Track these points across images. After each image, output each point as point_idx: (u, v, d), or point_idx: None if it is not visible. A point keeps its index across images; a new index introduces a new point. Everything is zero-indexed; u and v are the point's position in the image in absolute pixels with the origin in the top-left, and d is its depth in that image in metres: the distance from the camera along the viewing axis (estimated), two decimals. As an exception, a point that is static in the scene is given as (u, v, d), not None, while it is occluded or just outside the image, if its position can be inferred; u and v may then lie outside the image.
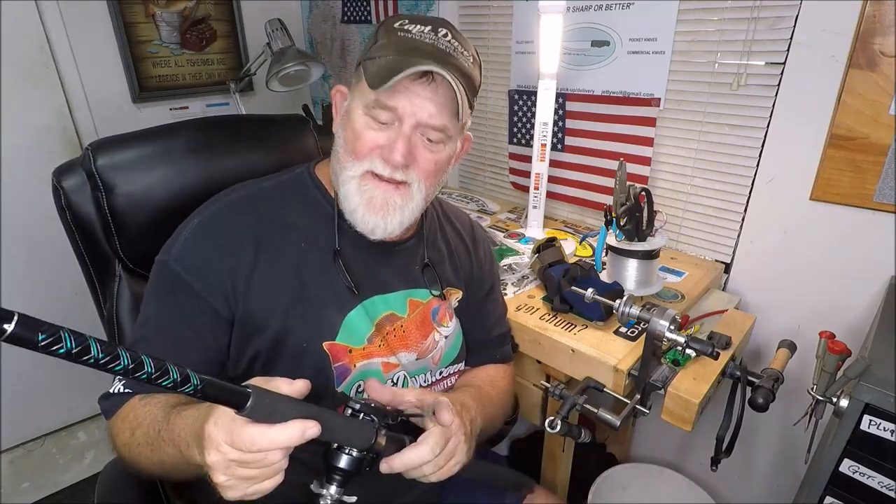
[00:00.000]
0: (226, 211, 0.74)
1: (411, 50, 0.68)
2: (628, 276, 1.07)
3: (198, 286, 0.69)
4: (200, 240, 0.72)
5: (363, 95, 0.70)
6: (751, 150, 1.19)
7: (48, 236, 1.64)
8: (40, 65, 1.65)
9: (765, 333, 1.26)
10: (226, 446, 0.48)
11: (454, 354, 0.88)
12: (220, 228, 0.73)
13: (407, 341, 0.81)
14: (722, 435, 0.92)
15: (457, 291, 0.89)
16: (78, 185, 0.84)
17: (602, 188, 1.48)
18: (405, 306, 0.82)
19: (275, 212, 0.75)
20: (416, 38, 0.69)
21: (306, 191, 0.79)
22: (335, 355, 0.74)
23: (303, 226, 0.76)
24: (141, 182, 0.85)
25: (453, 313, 0.88)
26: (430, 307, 0.84)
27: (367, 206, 0.72)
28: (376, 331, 0.78)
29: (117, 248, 0.85)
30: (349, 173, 0.72)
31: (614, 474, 1.44)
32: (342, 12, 2.09)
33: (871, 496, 0.73)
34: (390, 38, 0.69)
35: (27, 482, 1.79)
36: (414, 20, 0.71)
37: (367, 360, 0.76)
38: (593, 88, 1.41)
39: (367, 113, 0.70)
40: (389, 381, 0.79)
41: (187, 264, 0.70)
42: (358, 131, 0.71)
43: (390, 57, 0.68)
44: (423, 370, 0.83)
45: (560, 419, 0.86)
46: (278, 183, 0.79)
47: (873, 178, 1.03)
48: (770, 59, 1.11)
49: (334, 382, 0.74)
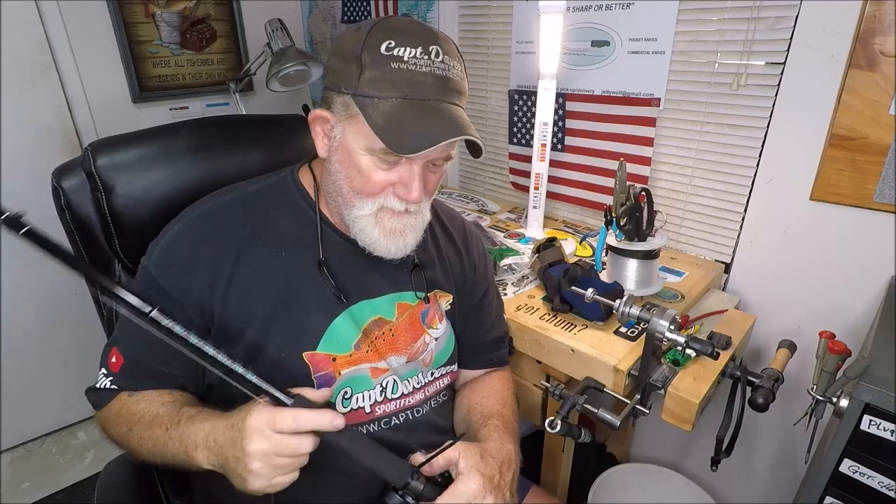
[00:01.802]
0: (207, 217, 0.74)
1: (413, 87, 0.63)
2: (628, 276, 1.07)
3: (174, 293, 0.69)
4: (179, 246, 0.72)
5: (366, 139, 0.65)
6: (751, 150, 1.19)
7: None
8: (40, 65, 1.65)
9: (765, 333, 1.26)
10: (268, 430, 0.56)
11: (446, 356, 0.87)
12: (200, 235, 0.72)
13: (396, 345, 0.80)
14: (722, 435, 0.92)
15: (446, 295, 0.88)
16: (78, 185, 0.84)
17: (602, 188, 1.48)
18: (393, 310, 0.81)
19: (257, 217, 0.74)
20: (412, 68, 0.63)
21: (289, 196, 0.77)
22: (316, 365, 0.73)
23: (286, 232, 0.75)
24: (140, 182, 0.84)
25: (444, 315, 0.87)
26: (419, 310, 0.83)
27: (386, 237, 0.72)
28: (364, 336, 0.76)
29: (117, 248, 0.85)
30: (360, 213, 0.70)
31: (614, 474, 1.44)
32: (342, 12, 2.09)
33: (871, 496, 0.73)
34: (382, 69, 0.63)
35: (27, 482, 1.79)
36: (400, 36, 0.63)
37: (353, 366, 0.75)
38: (593, 88, 1.41)
39: (373, 154, 0.66)
40: (378, 386, 0.78)
41: (164, 271, 0.70)
42: (366, 173, 0.68)
43: (395, 101, 0.63)
44: (414, 372, 0.83)
45: (560, 419, 0.86)
46: (262, 187, 0.78)
47: (873, 178, 1.03)
48: (770, 59, 1.11)
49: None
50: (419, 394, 0.83)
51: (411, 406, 0.82)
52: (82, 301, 1.03)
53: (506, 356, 0.99)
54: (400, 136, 0.62)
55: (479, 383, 0.93)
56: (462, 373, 0.94)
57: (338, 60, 0.67)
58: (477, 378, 0.94)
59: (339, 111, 0.67)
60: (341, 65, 0.66)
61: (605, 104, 1.39)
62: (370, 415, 0.77)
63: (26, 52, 1.62)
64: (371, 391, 0.77)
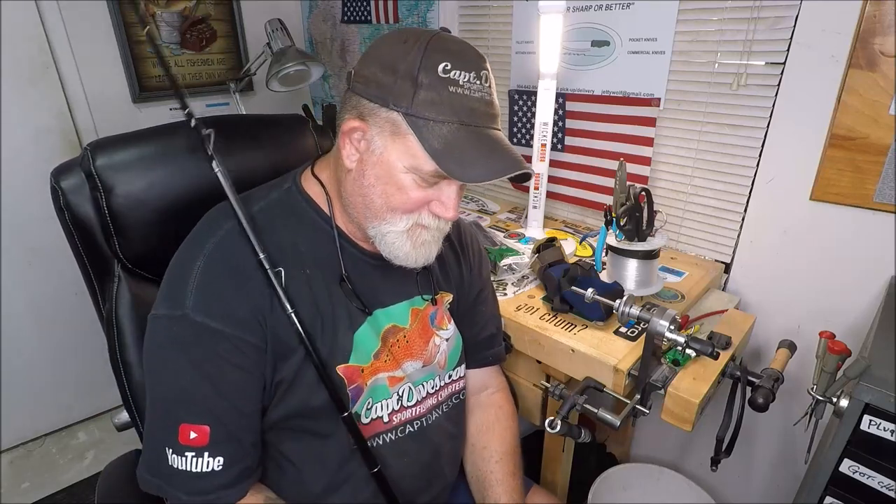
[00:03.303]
0: (227, 244, 0.68)
1: (469, 114, 0.64)
2: (628, 276, 1.07)
3: (230, 329, 0.65)
4: (214, 281, 0.66)
5: (413, 159, 0.64)
6: (751, 150, 1.19)
7: (48, 236, 1.64)
8: (40, 65, 1.65)
9: (765, 333, 1.26)
10: None
11: (458, 356, 0.88)
12: (230, 263, 0.67)
13: (411, 350, 0.80)
14: (722, 435, 0.92)
15: (448, 294, 0.89)
16: (76, 185, 0.83)
17: (602, 188, 1.48)
18: (407, 316, 0.81)
19: (273, 237, 0.70)
20: (467, 94, 0.64)
21: (300, 210, 0.75)
22: (349, 377, 0.73)
23: (305, 249, 0.73)
24: (140, 182, 0.83)
25: (450, 316, 0.88)
26: (427, 313, 0.84)
27: (416, 249, 0.72)
28: (382, 345, 0.77)
29: (116, 248, 0.84)
30: (393, 228, 0.69)
31: (614, 474, 1.44)
32: (342, 12, 2.09)
33: (871, 496, 0.73)
34: (440, 92, 0.62)
35: (27, 482, 1.79)
36: (456, 59, 0.63)
37: (374, 376, 0.76)
38: (593, 88, 1.41)
39: (416, 173, 0.65)
40: (395, 395, 0.78)
41: (210, 311, 0.65)
42: (406, 191, 0.67)
43: (452, 126, 0.63)
44: (431, 376, 0.83)
45: (560, 419, 0.86)
46: (269, 204, 0.74)
47: (873, 178, 1.03)
48: (770, 59, 1.11)
49: (349, 405, 0.73)
50: (432, 399, 0.84)
51: (424, 413, 0.82)
52: (82, 301, 1.03)
53: (502, 353, 0.99)
54: (462, 164, 0.62)
55: (481, 420, 0.94)
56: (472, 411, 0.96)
57: (386, 74, 0.64)
58: (479, 410, 0.95)
59: (382, 126, 0.65)
60: (390, 79, 0.63)
61: (605, 104, 1.39)
62: (388, 424, 0.78)
63: (26, 52, 1.62)
64: (388, 400, 0.78)
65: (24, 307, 1.78)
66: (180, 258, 0.69)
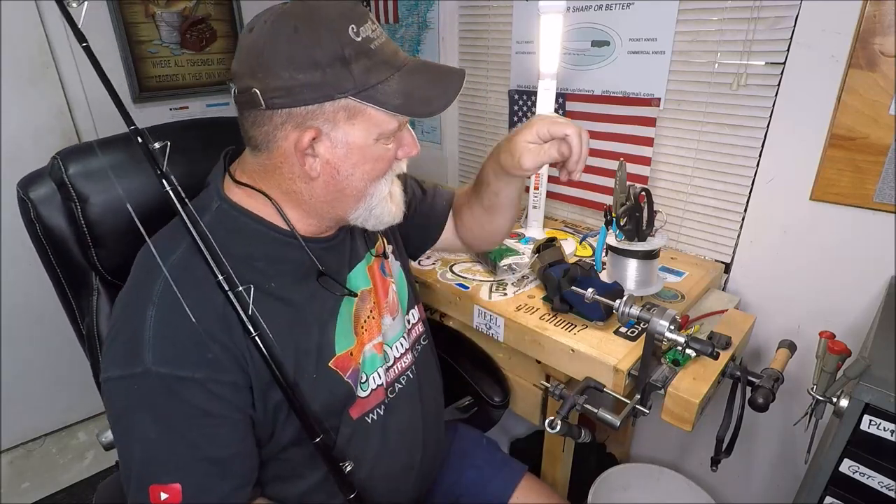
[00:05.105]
0: (176, 280, 0.61)
1: (393, 57, 0.65)
2: (628, 276, 1.07)
3: (200, 374, 0.60)
4: (172, 328, 0.60)
5: (377, 127, 0.65)
6: (751, 150, 1.19)
7: (48, 236, 1.64)
8: (40, 65, 1.65)
9: (765, 333, 1.26)
10: None
11: (406, 296, 0.91)
12: (187, 302, 0.60)
13: (380, 306, 0.82)
14: (722, 435, 0.92)
15: (380, 240, 0.89)
16: (47, 195, 0.78)
17: (602, 188, 1.48)
18: (367, 277, 0.82)
19: (228, 260, 0.62)
20: (381, 41, 0.64)
21: (240, 225, 0.69)
22: (342, 367, 0.73)
23: (261, 264, 0.68)
24: (116, 190, 0.79)
25: (392, 258, 0.90)
26: (376, 265, 0.84)
27: (397, 206, 0.74)
28: (356, 319, 0.77)
29: (94, 260, 0.80)
30: (378, 196, 0.71)
31: (614, 474, 1.44)
32: (342, 12, 2.09)
33: (871, 496, 0.73)
34: (368, 56, 0.62)
35: (27, 482, 1.79)
36: (355, 18, 0.62)
37: (362, 349, 0.77)
38: (593, 88, 1.41)
39: (384, 137, 0.66)
40: (383, 359, 0.80)
41: (176, 360, 0.60)
42: (381, 156, 0.68)
43: (395, 78, 0.64)
44: (401, 328, 0.86)
45: (560, 419, 0.86)
46: (209, 229, 0.64)
47: (873, 178, 1.03)
48: (770, 59, 1.11)
49: (355, 389, 0.74)
50: (408, 355, 0.87)
51: (407, 367, 0.86)
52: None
53: (450, 193, 1.06)
54: (426, 103, 0.66)
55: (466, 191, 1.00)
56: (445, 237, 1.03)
57: (308, 72, 0.60)
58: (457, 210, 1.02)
59: (333, 119, 0.63)
60: (317, 74, 0.60)
61: (605, 104, 1.39)
62: (386, 389, 0.80)
63: (26, 52, 1.62)
64: (380, 368, 0.79)
65: (25, 308, 1.78)
66: (126, 312, 0.64)
